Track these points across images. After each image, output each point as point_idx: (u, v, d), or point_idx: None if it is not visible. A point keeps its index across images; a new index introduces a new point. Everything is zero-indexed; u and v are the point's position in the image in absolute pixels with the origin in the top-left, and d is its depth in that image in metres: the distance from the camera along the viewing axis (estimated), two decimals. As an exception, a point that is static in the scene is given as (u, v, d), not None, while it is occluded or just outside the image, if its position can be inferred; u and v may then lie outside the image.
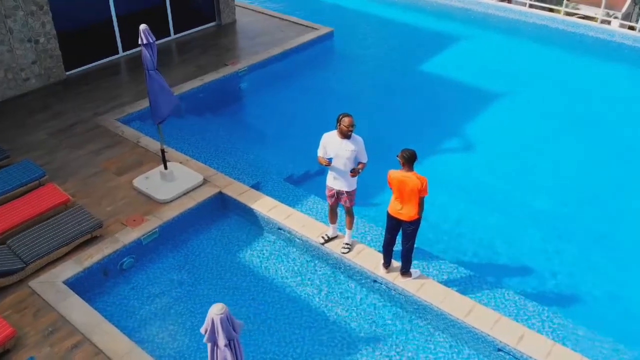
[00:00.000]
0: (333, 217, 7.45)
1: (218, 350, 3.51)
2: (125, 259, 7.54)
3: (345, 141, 6.62)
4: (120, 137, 9.90)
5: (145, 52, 7.48)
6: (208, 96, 11.86)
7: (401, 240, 6.77)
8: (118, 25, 12.83)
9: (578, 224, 8.70)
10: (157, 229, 7.82)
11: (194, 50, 13.55)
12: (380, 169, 7.13)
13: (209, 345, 3.60)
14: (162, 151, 8.49)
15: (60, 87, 11.70)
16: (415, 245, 7.85)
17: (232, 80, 12.37)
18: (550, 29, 15.45)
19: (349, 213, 7.21)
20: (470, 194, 9.34)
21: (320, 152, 6.84)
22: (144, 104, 11.05)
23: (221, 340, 3.44)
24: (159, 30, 13.78)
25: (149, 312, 7.06)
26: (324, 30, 14.66)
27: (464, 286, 7.21)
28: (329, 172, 6.97)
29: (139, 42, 7.41)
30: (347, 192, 6.95)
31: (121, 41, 13.02)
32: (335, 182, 6.96)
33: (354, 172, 6.75)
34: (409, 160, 6.30)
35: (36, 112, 10.72)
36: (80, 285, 7.07)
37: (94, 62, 12.66)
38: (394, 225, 6.73)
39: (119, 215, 8.03)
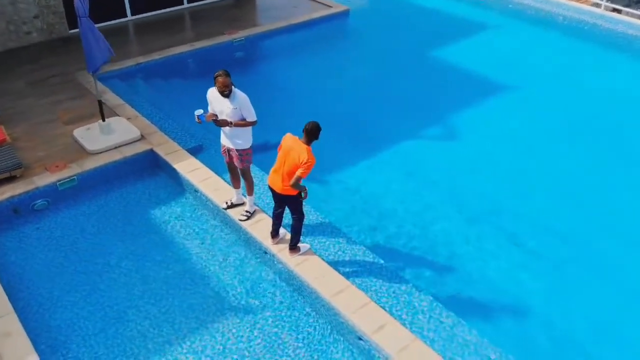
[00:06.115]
0: (234, 180, 7.17)
1: None
2: (39, 200, 7.68)
3: (225, 99, 6.31)
4: (86, 91, 10.13)
5: (75, -1, 7.54)
6: (195, 62, 11.87)
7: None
8: (128, -10, 13.19)
9: (519, 228, 7.81)
10: (75, 177, 7.90)
11: (201, 19, 13.63)
12: (357, 149, 6.91)
13: None
14: (100, 103, 8.56)
15: (61, 43, 12.16)
16: (331, 223, 7.43)
17: (225, 48, 12.28)
18: (588, 24, 14.01)
19: (244, 176, 6.90)
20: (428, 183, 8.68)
21: (209, 109, 6.59)
22: (127, 63, 11.26)
23: None
24: (171, -2, 14.04)
25: (42, 252, 7.14)
26: (338, 8, 14.24)
27: (356, 269, 6.64)
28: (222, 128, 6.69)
29: (67, -11, 7.48)
30: (236, 150, 6.64)
31: (130, 6, 13.33)
32: (224, 139, 6.70)
33: (218, 121, 6.41)
34: (310, 132, 5.83)
35: (26, 63, 11.21)
36: (-14, 219, 7.31)
37: (101, 23, 13.00)
38: (275, 195, 6.35)
39: (46, 161, 8.19)
